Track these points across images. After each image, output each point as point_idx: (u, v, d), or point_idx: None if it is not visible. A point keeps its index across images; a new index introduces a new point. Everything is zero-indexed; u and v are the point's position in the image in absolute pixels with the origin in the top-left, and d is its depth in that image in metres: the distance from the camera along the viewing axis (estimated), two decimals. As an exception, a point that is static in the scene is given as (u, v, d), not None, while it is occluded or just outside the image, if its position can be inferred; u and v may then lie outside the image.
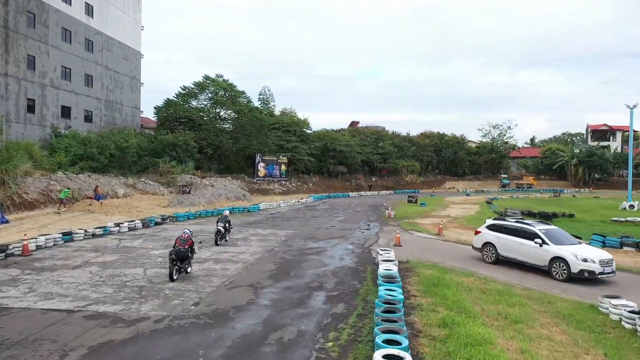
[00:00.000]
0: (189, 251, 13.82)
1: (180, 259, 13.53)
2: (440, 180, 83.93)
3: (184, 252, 13.58)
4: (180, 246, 13.63)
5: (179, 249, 13.52)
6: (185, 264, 13.83)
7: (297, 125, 64.86)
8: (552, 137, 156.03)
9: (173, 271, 13.36)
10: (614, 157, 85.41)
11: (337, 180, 69.88)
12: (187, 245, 13.78)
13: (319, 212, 35.40)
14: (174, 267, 13.39)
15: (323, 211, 36.51)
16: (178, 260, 13.47)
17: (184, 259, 13.66)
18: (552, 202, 53.91)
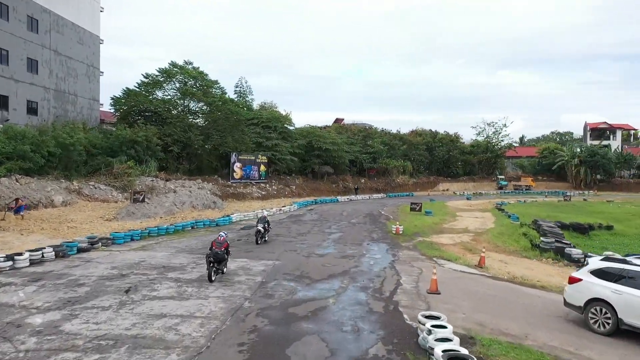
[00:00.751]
0: (225, 253, 14.57)
1: (218, 260, 14.23)
2: (433, 181, 77.61)
3: (220, 254, 14.27)
4: (217, 249, 14.22)
5: (216, 252, 14.15)
6: (222, 265, 14.63)
7: (278, 121, 57.66)
8: (541, 136, 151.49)
9: (211, 272, 13.98)
10: (617, 156, 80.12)
11: (322, 182, 62.92)
12: (223, 247, 14.41)
13: (307, 226, 28.35)
14: (212, 269, 14.01)
15: (312, 224, 29.45)
16: (215, 262, 14.15)
17: (221, 261, 14.41)
18: (567, 207, 47.76)
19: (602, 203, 53.96)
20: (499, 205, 45.29)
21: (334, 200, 49.79)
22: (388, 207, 42.23)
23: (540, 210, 43.08)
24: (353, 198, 53.64)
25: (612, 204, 51.52)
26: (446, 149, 78.19)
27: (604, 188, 78.45)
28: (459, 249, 21.07)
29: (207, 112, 50.09)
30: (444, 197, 60.73)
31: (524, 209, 43.83)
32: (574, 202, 53.12)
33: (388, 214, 35.99)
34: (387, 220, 30.83)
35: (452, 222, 31.41)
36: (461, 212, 39.34)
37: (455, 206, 46.06)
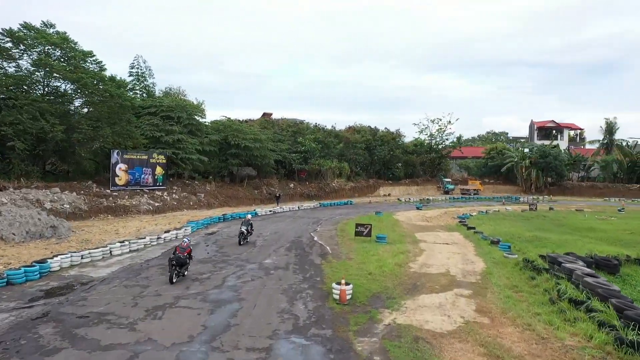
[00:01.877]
0: (187, 258, 15.90)
1: (180, 264, 15.46)
2: (373, 185, 67.58)
3: (182, 258, 15.60)
4: (180, 253, 15.57)
5: (179, 256, 15.46)
6: (183, 269, 15.77)
7: (184, 111, 44.94)
8: (477, 137, 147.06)
9: (173, 275, 15.17)
10: (569, 158, 73.88)
11: (242, 188, 50.88)
12: (186, 252, 15.85)
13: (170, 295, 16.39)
14: (174, 271, 15.23)
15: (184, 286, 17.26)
16: (177, 266, 15.38)
17: (182, 265, 15.62)
18: (543, 221, 38.80)
19: (572, 213, 45.77)
20: (463, 221, 35.44)
21: (252, 214, 37.89)
22: (323, 227, 31.01)
23: (514, 227, 33.61)
24: (277, 210, 41.89)
25: (586, 215, 43.29)
26: (387, 148, 68.43)
27: (555, 192, 71.86)
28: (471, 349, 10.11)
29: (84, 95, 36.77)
30: (389, 206, 50.49)
31: (494, 225, 34.16)
32: (543, 213, 44.47)
33: (324, 241, 24.68)
34: (323, 260, 19.48)
35: (419, 258, 20.55)
36: (422, 234, 28.79)
37: (410, 222, 35.66)
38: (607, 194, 69.64)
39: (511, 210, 46.41)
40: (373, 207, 48.29)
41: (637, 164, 73.05)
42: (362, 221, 32.77)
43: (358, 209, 46.37)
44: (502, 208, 49.14)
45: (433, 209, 48.19)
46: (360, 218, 36.21)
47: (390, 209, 47.01)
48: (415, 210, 46.09)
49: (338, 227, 31.13)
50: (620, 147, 73.01)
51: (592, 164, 77.18)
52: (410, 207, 49.91)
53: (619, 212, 46.47)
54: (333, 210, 44.80)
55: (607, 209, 49.86)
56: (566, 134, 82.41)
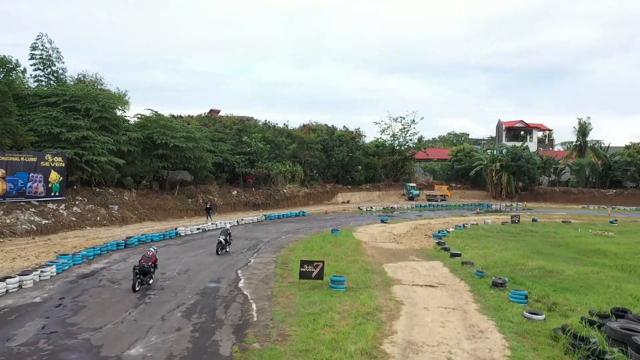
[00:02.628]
0: (151, 267, 16.51)
1: (143, 273, 16.15)
2: (330, 191, 59.86)
3: (146, 267, 16.26)
4: (145, 262, 16.25)
5: (143, 265, 16.16)
6: (147, 278, 16.38)
7: (95, 102, 35.87)
8: (438, 138, 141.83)
9: (135, 283, 15.87)
10: (542, 160, 68.38)
11: (172, 197, 42.10)
12: (150, 262, 16.48)
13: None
14: (137, 279, 15.96)
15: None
16: (141, 274, 16.06)
17: (146, 273, 16.28)
18: (534, 239, 32.00)
19: (560, 227, 39.37)
20: (441, 241, 28.12)
21: (171, 234, 29.13)
22: (259, 257, 22.78)
23: (505, 249, 26.59)
24: (209, 227, 33.24)
25: (579, 230, 36.87)
26: (346, 149, 60.83)
27: (527, 198, 66.18)
28: None
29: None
30: (349, 218, 42.79)
31: (480, 248, 27.00)
32: (528, 227, 37.79)
33: (252, 290, 16.48)
34: (236, 346, 11.30)
35: (398, 328, 12.73)
36: (394, 267, 21.11)
37: (375, 243, 27.97)
38: (582, 200, 64.44)
39: (491, 223, 39.54)
40: (330, 219, 40.51)
41: (612, 168, 68.34)
42: (314, 243, 25.12)
43: (311, 222, 38.44)
44: (478, 219, 42.28)
45: (400, 221, 40.82)
46: (311, 239, 28.26)
47: (350, 222, 39.31)
48: (380, 223, 38.53)
49: (280, 256, 23.00)
50: (595, 150, 68.10)
51: (564, 167, 72.11)
52: (373, 218, 42.41)
53: (612, 225, 40.42)
54: (281, 224, 36.65)
55: (595, 220, 43.85)
56: (535, 134, 77.32)
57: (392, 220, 40.51)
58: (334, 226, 36.24)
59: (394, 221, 40.32)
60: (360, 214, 47.44)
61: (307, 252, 23.63)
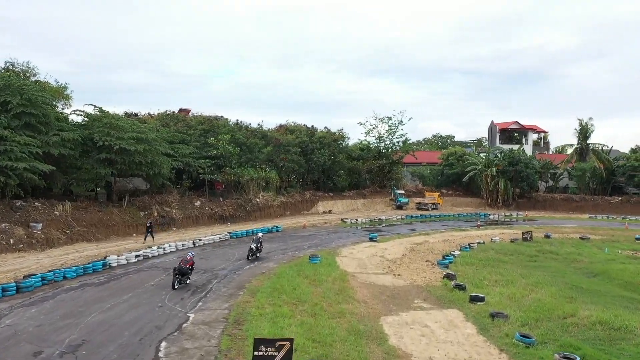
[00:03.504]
0: (188, 269, 18.92)
1: (182, 274, 18.57)
2: (310, 199, 53.22)
3: (184, 269, 18.68)
4: (183, 265, 18.73)
5: (181, 267, 18.62)
6: (185, 278, 18.86)
7: (18, 94, 28.90)
8: (422, 140, 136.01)
9: (175, 282, 18.33)
10: (542, 165, 62.80)
11: (119, 209, 35.11)
12: (188, 265, 18.94)
13: None
14: (176, 279, 18.39)
15: None
16: (180, 275, 18.48)
17: (184, 274, 18.71)
18: (562, 264, 25.91)
19: (581, 245, 33.39)
20: (450, 273, 21.76)
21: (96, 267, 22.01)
22: (204, 314, 15.88)
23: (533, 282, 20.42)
24: (150, 253, 26.11)
25: (607, 250, 30.89)
26: (328, 152, 54.28)
27: (525, 206, 60.55)
28: None
29: None
30: (331, 234, 36.17)
31: (501, 282, 20.71)
32: (545, 246, 31.67)
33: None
34: None
35: None
36: (395, 321, 14.77)
37: (366, 276, 21.45)
38: (585, 208, 58.98)
39: (499, 241, 33.38)
40: (308, 237, 33.91)
41: (614, 173, 63.16)
42: (286, 279, 18.85)
43: (286, 241, 31.78)
44: (482, 235, 36.12)
45: (391, 238, 34.42)
46: (283, 271, 21.57)
47: (333, 241, 32.71)
48: (368, 242, 32.05)
49: (236, 306, 16.23)
50: (597, 153, 62.79)
51: (562, 172, 66.71)
52: (359, 235, 35.95)
53: (637, 241, 34.69)
54: (248, 245, 29.88)
55: (614, 235, 38.09)
56: (530, 137, 71.95)
57: (382, 238, 34.07)
58: (313, 246, 29.81)
59: (384, 238, 33.90)
60: (344, 227, 40.92)
61: (274, 296, 17.03)
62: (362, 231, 38.35)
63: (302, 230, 37.85)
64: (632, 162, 57.81)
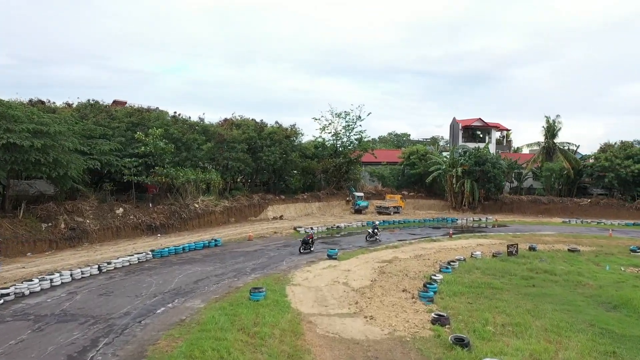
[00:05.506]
0: (309, 240, 28.40)
1: (305, 242, 28.09)
2: (258, 203, 46.68)
3: (307, 239, 28.30)
4: (307, 238, 28.54)
5: (306, 239, 28.43)
6: (307, 246, 28.10)
7: None
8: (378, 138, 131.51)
9: (300, 248, 27.96)
10: (508, 165, 58.83)
11: (12, 220, 27.66)
12: (309, 238, 28.59)
13: None
14: (302, 246, 28.04)
15: None
16: (304, 243, 28.01)
17: (307, 243, 28.09)
18: (566, 290, 20.76)
19: (574, 260, 28.64)
20: (439, 313, 16.08)
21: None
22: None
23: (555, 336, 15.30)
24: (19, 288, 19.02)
25: (608, 267, 26.20)
26: (280, 149, 47.96)
27: (491, 208, 56.39)
28: None
29: None
30: (282, 249, 29.88)
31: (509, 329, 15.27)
32: (536, 264, 26.61)
33: None
34: None
35: None
36: None
37: (327, 324, 15.35)
38: (554, 211, 55.39)
39: (480, 256, 28.18)
40: (253, 254, 27.55)
41: (580, 174, 60.06)
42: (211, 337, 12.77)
43: (224, 262, 25.32)
44: (459, 248, 30.94)
45: (355, 253, 28.60)
46: (210, 318, 15.14)
47: (283, 259, 26.50)
48: (327, 261, 26.10)
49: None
50: (565, 153, 59.43)
51: (528, 172, 63.21)
52: (316, 249, 29.91)
53: (633, 253, 30.40)
54: (173, 270, 23.18)
55: (603, 244, 33.79)
56: (494, 135, 68.18)
57: (343, 253, 28.18)
58: (259, 268, 23.59)
59: (346, 254, 28.03)
60: (297, 238, 34.67)
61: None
62: (318, 244, 32.31)
63: (247, 244, 31.42)
64: (602, 162, 54.55)
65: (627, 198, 55.83)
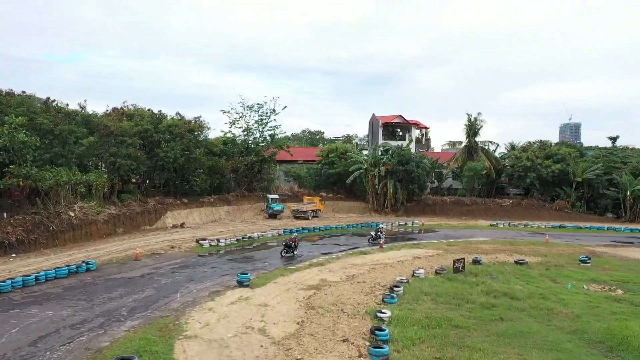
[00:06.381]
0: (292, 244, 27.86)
1: (287, 246, 27.70)
2: (155, 209, 39.20)
3: (289, 243, 27.91)
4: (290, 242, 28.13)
5: (288, 242, 28.14)
6: (290, 250, 27.67)
7: None
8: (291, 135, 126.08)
9: (282, 251, 27.65)
10: (432, 164, 55.82)
11: None
12: (291, 241, 28.10)
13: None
14: (284, 249, 27.66)
15: None
16: (286, 247, 27.65)
17: (289, 247, 27.67)
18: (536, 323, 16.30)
19: (528, 275, 24.87)
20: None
21: None
22: None
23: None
24: None
25: (570, 287, 22.50)
26: (181, 145, 40.79)
27: (413, 211, 53.10)
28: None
29: None
30: (177, 273, 23.12)
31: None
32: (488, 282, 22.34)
33: None
34: None
35: None
36: None
37: None
38: (477, 212, 53.18)
39: (423, 275, 23.47)
40: (137, 283, 20.68)
41: (499, 173, 58.67)
42: None
43: (93, 298, 18.33)
44: (394, 263, 26.16)
45: (272, 275, 22.72)
46: None
47: (178, 289, 19.91)
48: (237, 289, 19.98)
49: None
50: (486, 152, 57.62)
51: (449, 172, 60.90)
52: (222, 271, 23.66)
53: (584, 264, 27.31)
54: (10, 319, 15.97)
55: (547, 253, 30.67)
56: (414, 133, 65.30)
57: (257, 276, 22.23)
58: (141, 307, 17.12)
59: (260, 278, 22.07)
60: (199, 255, 28.12)
61: None
62: (226, 262, 26.09)
63: (133, 266, 24.36)
64: (524, 162, 53.05)
65: (547, 198, 54.99)
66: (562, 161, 52.80)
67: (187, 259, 26.70)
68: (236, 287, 20.24)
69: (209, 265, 25.21)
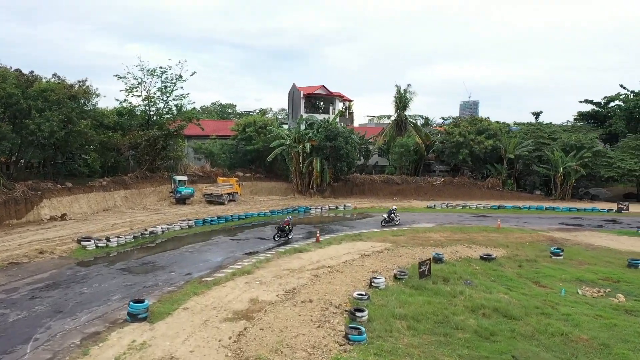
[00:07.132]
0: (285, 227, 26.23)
1: (281, 230, 26.12)
2: (27, 197, 30.67)
3: (282, 227, 26.19)
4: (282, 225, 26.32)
5: (281, 225, 26.33)
6: (284, 233, 26.21)
7: None
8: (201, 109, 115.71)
9: (275, 235, 26.00)
10: (360, 140, 50.87)
11: None
12: (284, 224, 26.33)
13: None
14: (276, 233, 26.08)
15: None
16: (279, 230, 26.09)
17: (283, 230, 26.13)
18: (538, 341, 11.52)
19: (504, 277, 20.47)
20: None
21: None
22: None
23: None
24: None
25: (563, 293, 18.23)
26: (61, 115, 32.11)
27: (341, 191, 48.17)
28: None
29: None
30: (39, 305, 15.72)
31: None
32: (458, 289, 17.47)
33: None
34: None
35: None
36: None
37: None
38: (407, 192, 49.24)
39: (383, 284, 18.16)
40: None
41: (428, 150, 55.30)
42: None
43: None
44: (339, 266, 20.68)
45: (182, 294, 16.23)
46: None
47: (32, 334, 12.94)
48: (129, 327, 13.34)
49: None
50: (417, 127, 53.71)
51: (376, 148, 56.53)
52: (110, 290, 16.76)
53: (556, 258, 23.52)
54: None
55: (506, 243, 26.71)
56: (338, 106, 60.03)
57: (160, 299, 15.71)
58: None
59: (165, 301, 15.57)
60: (78, 262, 20.74)
61: None
62: (116, 274, 19.08)
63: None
64: (456, 137, 49.70)
65: (478, 176, 52.40)
66: (493, 137, 50.16)
67: (61, 270, 19.30)
68: (127, 323, 13.63)
69: (91, 280, 18.10)
